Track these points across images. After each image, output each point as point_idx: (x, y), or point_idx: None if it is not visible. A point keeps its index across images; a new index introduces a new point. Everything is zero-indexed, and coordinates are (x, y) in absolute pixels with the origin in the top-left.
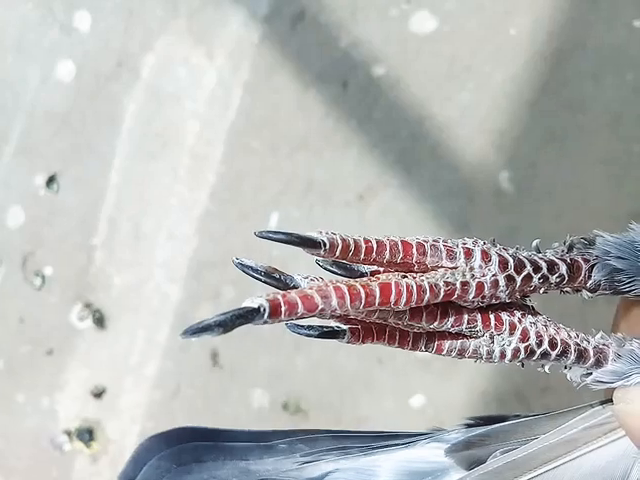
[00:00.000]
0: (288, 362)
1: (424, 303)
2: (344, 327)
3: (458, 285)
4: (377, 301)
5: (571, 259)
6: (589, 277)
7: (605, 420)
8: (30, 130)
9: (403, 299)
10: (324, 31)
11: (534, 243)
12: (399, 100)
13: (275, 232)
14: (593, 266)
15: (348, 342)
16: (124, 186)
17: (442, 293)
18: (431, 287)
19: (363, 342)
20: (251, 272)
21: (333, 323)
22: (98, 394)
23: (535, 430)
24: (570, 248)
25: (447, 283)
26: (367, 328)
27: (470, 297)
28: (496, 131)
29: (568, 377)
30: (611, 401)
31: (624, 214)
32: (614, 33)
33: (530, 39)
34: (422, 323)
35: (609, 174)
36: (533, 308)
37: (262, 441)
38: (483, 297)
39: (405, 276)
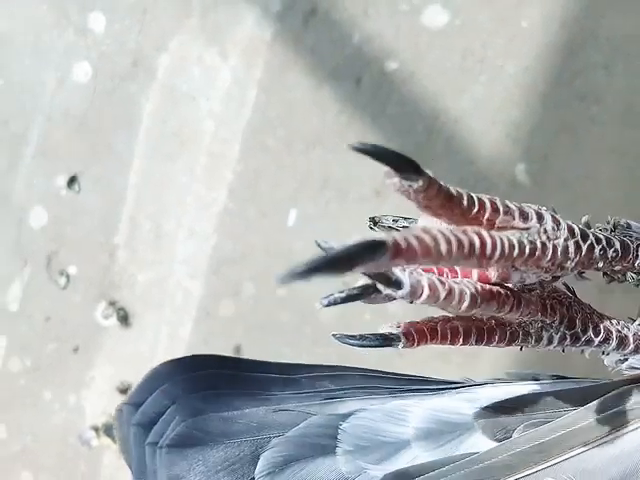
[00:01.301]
0: (309, 355)
1: (510, 261)
2: (396, 332)
3: (539, 245)
4: (477, 251)
5: (620, 238)
6: (637, 256)
7: (634, 405)
8: (49, 132)
9: (497, 252)
10: (336, 27)
11: (584, 219)
12: (413, 95)
13: (373, 145)
14: (639, 246)
15: (404, 347)
16: (143, 186)
17: (527, 252)
18: (519, 244)
19: (418, 344)
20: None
21: (385, 330)
22: (124, 390)
23: (561, 404)
24: (614, 228)
25: (530, 242)
26: (419, 330)
27: (545, 261)
28: (510, 123)
29: (605, 362)
30: (637, 382)
31: (639, 204)
32: (625, 23)
33: (542, 31)
34: (502, 314)
35: (622, 164)
36: (576, 296)
37: (286, 374)
38: (553, 264)
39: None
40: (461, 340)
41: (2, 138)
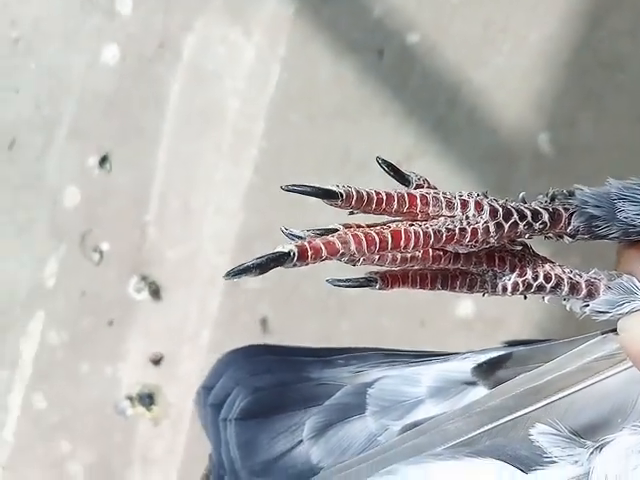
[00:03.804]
0: (334, 326)
1: (429, 247)
2: (375, 276)
3: (457, 231)
4: (390, 246)
5: (553, 208)
6: (569, 223)
7: (616, 351)
8: (80, 114)
9: (411, 243)
10: (357, 1)
11: (520, 195)
12: (435, 66)
13: (300, 185)
14: (572, 214)
15: (380, 288)
16: (172, 164)
17: (444, 238)
18: (435, 233)
19: (392, 287)
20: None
21: (366, 274)
22: (157, 361)
23: (552, 356)
24: (552, 199)
25: (448, 229)
26: (393, 275)
27: (466, 241)
28: (533, 93)
29: (567, 308)
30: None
31: None
32: None
33: None
34: (442, 265)
35: None
36: (532, 248)
37: (323, 356)
38: (476, 241)
39: (412, 224)
40: (429, 284)
41: (35, 121)
